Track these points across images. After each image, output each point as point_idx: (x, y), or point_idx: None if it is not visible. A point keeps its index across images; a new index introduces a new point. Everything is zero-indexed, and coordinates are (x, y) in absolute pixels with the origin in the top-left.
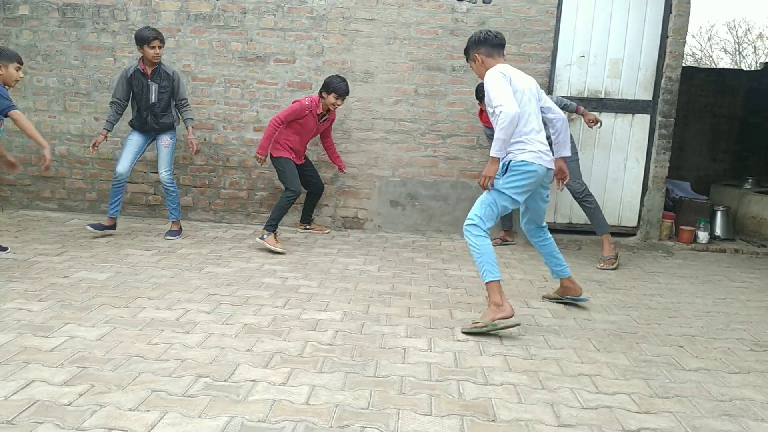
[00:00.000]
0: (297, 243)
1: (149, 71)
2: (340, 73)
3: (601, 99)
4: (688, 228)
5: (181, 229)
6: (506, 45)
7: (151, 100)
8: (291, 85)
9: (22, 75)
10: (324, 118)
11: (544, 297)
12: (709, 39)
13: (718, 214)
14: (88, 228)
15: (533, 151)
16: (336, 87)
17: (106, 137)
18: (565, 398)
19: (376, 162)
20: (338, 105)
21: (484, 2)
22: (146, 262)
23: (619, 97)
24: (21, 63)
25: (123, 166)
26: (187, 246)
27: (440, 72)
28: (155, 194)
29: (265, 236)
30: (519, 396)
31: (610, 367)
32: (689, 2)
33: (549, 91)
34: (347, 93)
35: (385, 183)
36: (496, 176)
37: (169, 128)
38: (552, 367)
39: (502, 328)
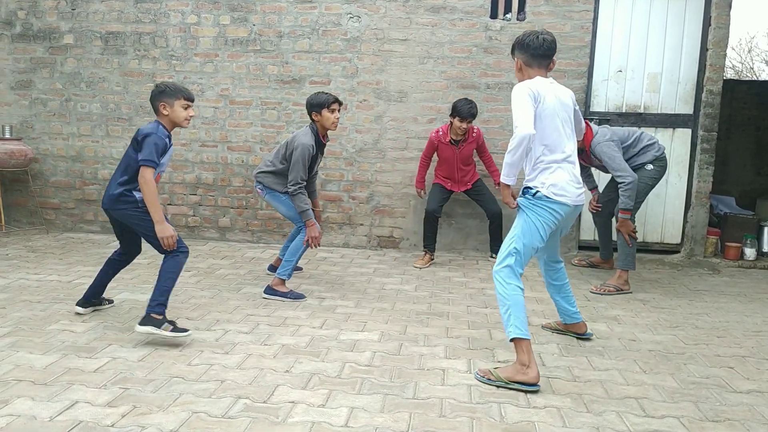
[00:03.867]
0: (333, 263)
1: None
2: (375, 93)
3: (640, 114)
4: (734, 244)
5: None
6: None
7: (314, 171)
8: None
9: (192, 113)
10: (461, 142)
11: (543, 326)
12: (749, 51)
13: (766, 229)
14: (296, 300)
15: (556, 183)
16: (458, 110)
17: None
18: (612, 422)
19: (411, 181)
20: (464, 128)
21: (518, 19)
22: (185, 282)
23: (659, 112)
24: (190, 99)
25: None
26: (225, 267)
27: (474, 90)
28: (194, 216)
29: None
30: (563, 419)
31: (658, 389)
32: (729, 14)
33: (586, 106)
34: (468, 115)
35: (421, 202)
36: (525, 199)
37: None
38: (596, 390)
39: (515, 390)
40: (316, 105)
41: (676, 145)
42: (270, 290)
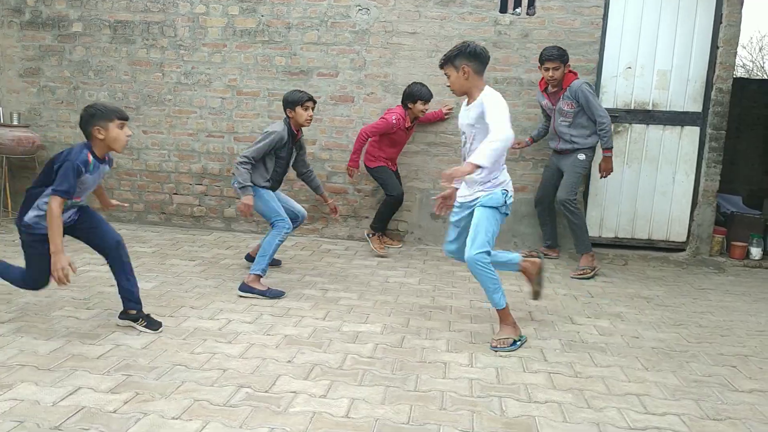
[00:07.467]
0: (337, 255)
1: (298, 136)
2: (382, 85)
3: (649, 111)
4: (740, 243)
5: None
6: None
7: (288, 168)
8: (334, 99)
9: (129, 133)
10: (412, 125)
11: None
12: (760, 49)
13: None
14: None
15: (507, 181)
16: (420, 94)
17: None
18: (612, 418)
19: (416, 174)
20: (427, 110)
21: (527, 14)
22: (190, 272)
23: (668, 109)
24: (124, 118)
25: (288, 222)
26: (229, 257)
27: None
28: (200, 206)
29: (370, 235)
30: (564, 415)
31: (659, 386)
32: (740, 12)
33: None
34: (431, 96)
35: (426, 195)
36: (499, 204)
37: None
38: (598, 386)
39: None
40: (291, 102)
41: (684, 143)
42: (245, 287)
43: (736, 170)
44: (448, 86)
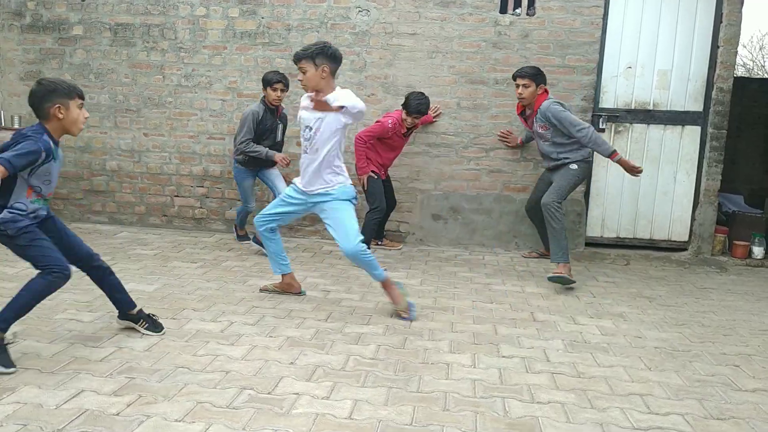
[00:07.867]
0: (339, 256)
1: (279, 111)
2: (383, 87)
3: (649, 111)
4: (742, 243)
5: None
6: (550, 57)
7: (277, 139)
8: None
9: (87, 114)
10: (409, 133)
11: (261, 289)
12: (761, 48)
13: None
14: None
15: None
16: (406, 104)
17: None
18: (615, 418)
19: (418, 175)
20: (410, 122)
21: (527, 14)
22: (192, 274)
23: (668, 109)
24: (83, 97)
25: (253, 205)
26: (231, 258)
27: (483, 85)
28: (201, 208)
29: None
30: (567, 415)
31: (662, 386)
32: (741, 11)
33: (595, 102)
34: (417, 112)
35: (427, 197)
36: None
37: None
38: (601, 386)
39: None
40: (264, 81)
41: (685, 142)
42: (256, 240)
43: (737, 169)
44: (300, 80)
